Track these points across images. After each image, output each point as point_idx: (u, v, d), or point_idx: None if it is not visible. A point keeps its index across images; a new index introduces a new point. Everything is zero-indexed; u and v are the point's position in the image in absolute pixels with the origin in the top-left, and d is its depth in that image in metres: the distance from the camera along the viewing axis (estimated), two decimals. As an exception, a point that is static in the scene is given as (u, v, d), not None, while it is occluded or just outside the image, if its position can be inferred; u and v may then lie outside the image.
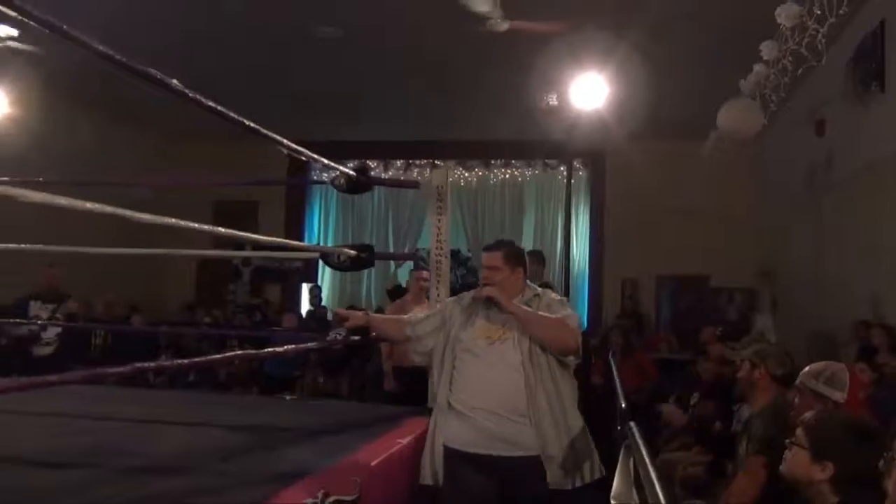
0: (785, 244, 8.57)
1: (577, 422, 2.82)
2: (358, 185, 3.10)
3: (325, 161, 3.79)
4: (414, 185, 4.42)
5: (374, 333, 3.23)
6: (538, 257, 5.52)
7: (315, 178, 11.45)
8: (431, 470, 2.78)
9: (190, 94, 1.98)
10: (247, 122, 2.30)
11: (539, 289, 3.01)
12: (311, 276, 11.15)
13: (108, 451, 2.43)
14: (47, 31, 1.51)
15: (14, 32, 5.37)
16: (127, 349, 6.99)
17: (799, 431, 2.11)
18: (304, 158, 3.08)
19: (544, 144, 8.83)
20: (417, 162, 11.33)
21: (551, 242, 11.11)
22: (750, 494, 2.67)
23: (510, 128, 9.53)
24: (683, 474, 4.04)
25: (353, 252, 2.92)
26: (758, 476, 2.65)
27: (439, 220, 3.33)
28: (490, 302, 2.81)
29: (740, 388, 3.35)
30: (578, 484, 2.74)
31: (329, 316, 10.49)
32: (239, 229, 2.66)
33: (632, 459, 2.47)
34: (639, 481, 2.04)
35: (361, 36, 6.87)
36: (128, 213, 1.91)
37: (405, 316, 3.27)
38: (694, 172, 8.97)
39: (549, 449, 2.69)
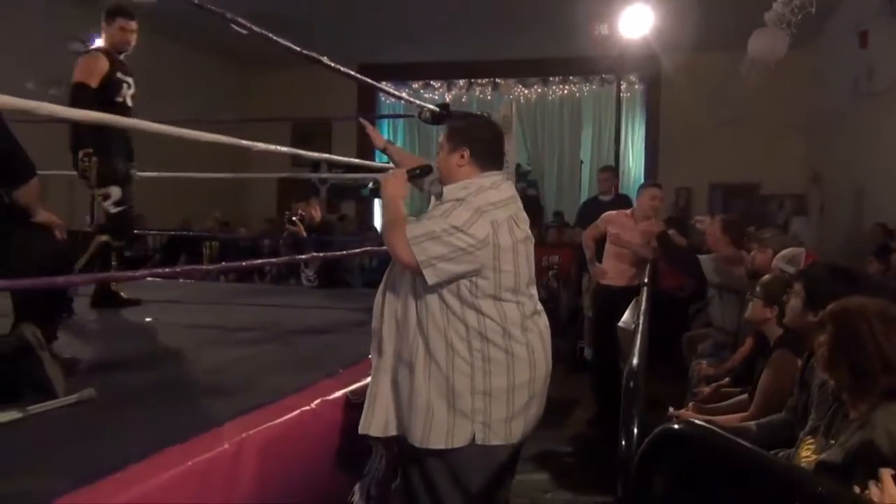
0: (831, 151, 8.99)
1: (421, 377, 2.09)
2: (440, 118, 3.87)
3: (404, 96, 4.57)
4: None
5: None
6: (612, 170, 6.79)
7: (383, 99, 12.33)
8: None
9: (272, 37, 2.58)
10: (325, 60, 2.93)
11: (481, 180, 2.17)
12: (384, 192, 11.95)
13: (269, 322, 3.41)
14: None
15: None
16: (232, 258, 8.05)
17: (757, 289, 3.20)
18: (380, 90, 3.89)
19: (600, 61, 9.33)
20: (480, 81, 11.91)
21: (608, 155, 11.68)
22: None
23: (566, 47, 10.01)
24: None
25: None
26: None
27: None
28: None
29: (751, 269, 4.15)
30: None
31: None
32: (315, 146, 3.33)
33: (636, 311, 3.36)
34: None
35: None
36: (226, 139, 2.40)
37: None
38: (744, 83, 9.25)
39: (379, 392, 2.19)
